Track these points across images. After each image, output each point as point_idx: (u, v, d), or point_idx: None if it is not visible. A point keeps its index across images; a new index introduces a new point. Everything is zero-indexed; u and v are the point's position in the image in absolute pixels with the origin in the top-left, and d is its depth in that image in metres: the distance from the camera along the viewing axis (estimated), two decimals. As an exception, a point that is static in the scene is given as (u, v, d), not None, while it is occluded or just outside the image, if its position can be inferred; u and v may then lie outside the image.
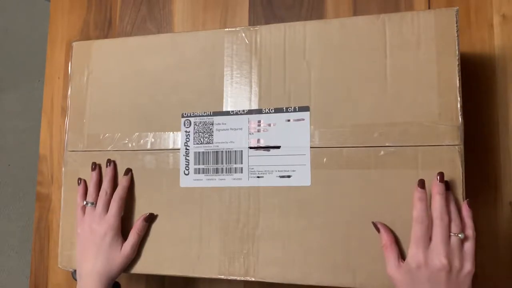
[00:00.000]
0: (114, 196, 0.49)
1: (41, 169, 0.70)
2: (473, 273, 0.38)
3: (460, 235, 0.38)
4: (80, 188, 0.51)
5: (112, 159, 0.51)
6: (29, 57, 1.37)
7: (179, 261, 0.48)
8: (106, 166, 0.50)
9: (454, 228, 0.39)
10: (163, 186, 0.49)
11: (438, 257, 0.38)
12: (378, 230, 0.42)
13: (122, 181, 0.49)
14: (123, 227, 0.49)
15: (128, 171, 0.50)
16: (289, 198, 0.45)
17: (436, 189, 0.40)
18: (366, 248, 0.43)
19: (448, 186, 0.41)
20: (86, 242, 0.48)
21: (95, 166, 0.51)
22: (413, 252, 0.39)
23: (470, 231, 0.39)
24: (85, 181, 0.51)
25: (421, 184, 0.41)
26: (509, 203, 0.52)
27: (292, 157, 0.46)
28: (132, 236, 0.48)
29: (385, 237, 0.41)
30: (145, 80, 0.51)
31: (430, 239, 0.39)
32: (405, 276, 0.39)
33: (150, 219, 0.49)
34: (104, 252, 0.47)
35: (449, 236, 0.39)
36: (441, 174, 0.40)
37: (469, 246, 0.39)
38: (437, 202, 0.39)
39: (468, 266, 0.38)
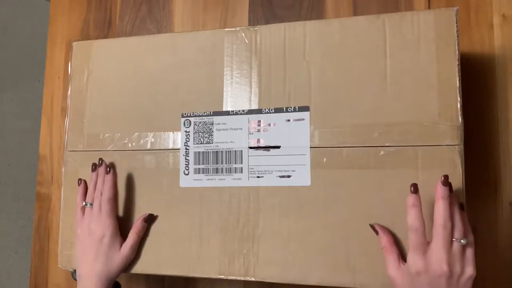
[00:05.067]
0: (102, 198, 0.48)
1: (41, 169, 0.70)
2: (474, 277, 0.38)
3: (462, 241, 0.37)
4: (80, 189, 0.51)
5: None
6: (29, 57, 1.37)
7: (179, 261, 0.48)
8: (98, 166, 0.50)
9: (457, 234, 0.38)
10: (163, 186, 0.49)
11: (439, 264, 0.37)
12: (376, 232, 0.42)
13: (106, 180, 0.49)
14: (123, 227, 0.49)
15: (109, 168, 0.49)
16: (289, 198, 0.45)
17: (440, 193, 0.38)
18: (366, 248, 0.43)
19: (451, 189, 0.39)
20: (85, 243, 0.48)
21: (95, 167, 0.51)
22: (412, 259, 0.38)
23: (469, 235, 0.38)
24: (85, 182, 0.51)
25: (414, 189, 0.39)
26: (509, 203, 0.52)
27: (292, 157, 0.46)
28: (132, 237, 0.48)
29: (384, 239, 0.41)
30: (145, 80, 0.51)
31: (428, 243, 0.38)
32: (405, 279, 0.39)
33: (150, 219, 0.49)
34: (103, 253, 0.47)
35: (451, 242, 0.37)
36: (445, 177, 0.38)
37: (469, 250, 0.38)
38: (441, 208, 0.38)
39: (470, 270, 0.37)
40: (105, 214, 0.47)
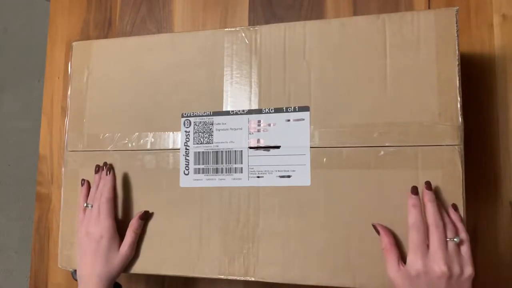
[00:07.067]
0: (101, 199, 0.48)
1: (41, 169, 0.70)
2: (473, 276, 0.38)
3: (455, 239, 0.38)
4: (83, 189, 0.50)
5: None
6: (29, 57, 1.37)
7: (179, 261, 0.48)
8: (101, 169, 0.50)
9: (448, 233, 0.39)
10: (163, 186, 0.49)
11: (437, 265, 0.38)
12: (378, 232, 0.42)
13: (106, 182, 0.49)
14: (123, 228, 0.49)
15: (110, 170, 0.49)
16: (289, 198, 0.45)
17: (426, 197, 0.40)
18: (366, 248, 0.43)
19: (430, 188, 0.41)
20: (84, 244, 0.48)
21: (99, 169, 0.50)
22: (412, 260, 0.39)
23: (463, 234, 0.39)
24: (88, 182, 0.51)
25: (415, 190, 0.41)
26: (509, 203, 0.52)
27: (292, 157, 0.46)
28: (129, 236, 0.48)
29: (385, 239, 0.41)
30: (145, 80, 0.51)
31: (428, 245, 0.39)
32: (405, 281, 0.39)
33: (146, 216, 0.49)
34: (102, 255, 0.47)
35: (446, 241, 0.38)
36: (428, 183, 0.41)
37: (465, 249, 0.39)
38: (430, 209, 0.40)
39: (469, 270, 0.38)
40: (104, 216, 0.47)
